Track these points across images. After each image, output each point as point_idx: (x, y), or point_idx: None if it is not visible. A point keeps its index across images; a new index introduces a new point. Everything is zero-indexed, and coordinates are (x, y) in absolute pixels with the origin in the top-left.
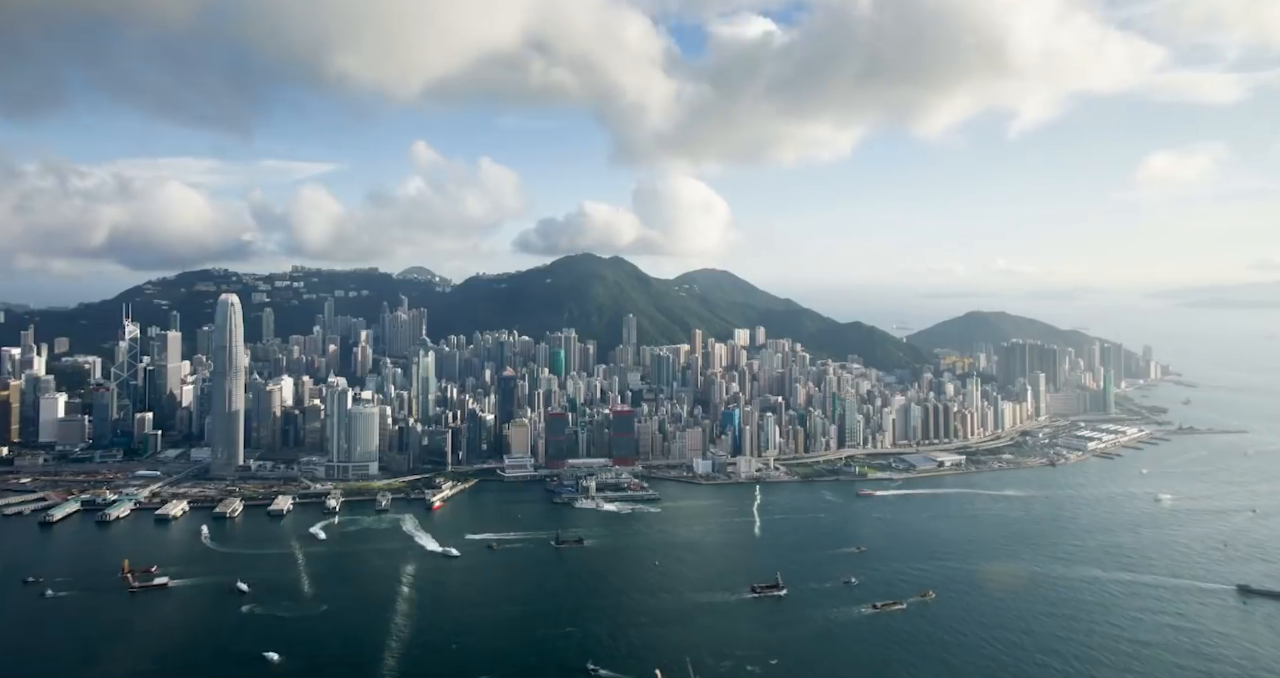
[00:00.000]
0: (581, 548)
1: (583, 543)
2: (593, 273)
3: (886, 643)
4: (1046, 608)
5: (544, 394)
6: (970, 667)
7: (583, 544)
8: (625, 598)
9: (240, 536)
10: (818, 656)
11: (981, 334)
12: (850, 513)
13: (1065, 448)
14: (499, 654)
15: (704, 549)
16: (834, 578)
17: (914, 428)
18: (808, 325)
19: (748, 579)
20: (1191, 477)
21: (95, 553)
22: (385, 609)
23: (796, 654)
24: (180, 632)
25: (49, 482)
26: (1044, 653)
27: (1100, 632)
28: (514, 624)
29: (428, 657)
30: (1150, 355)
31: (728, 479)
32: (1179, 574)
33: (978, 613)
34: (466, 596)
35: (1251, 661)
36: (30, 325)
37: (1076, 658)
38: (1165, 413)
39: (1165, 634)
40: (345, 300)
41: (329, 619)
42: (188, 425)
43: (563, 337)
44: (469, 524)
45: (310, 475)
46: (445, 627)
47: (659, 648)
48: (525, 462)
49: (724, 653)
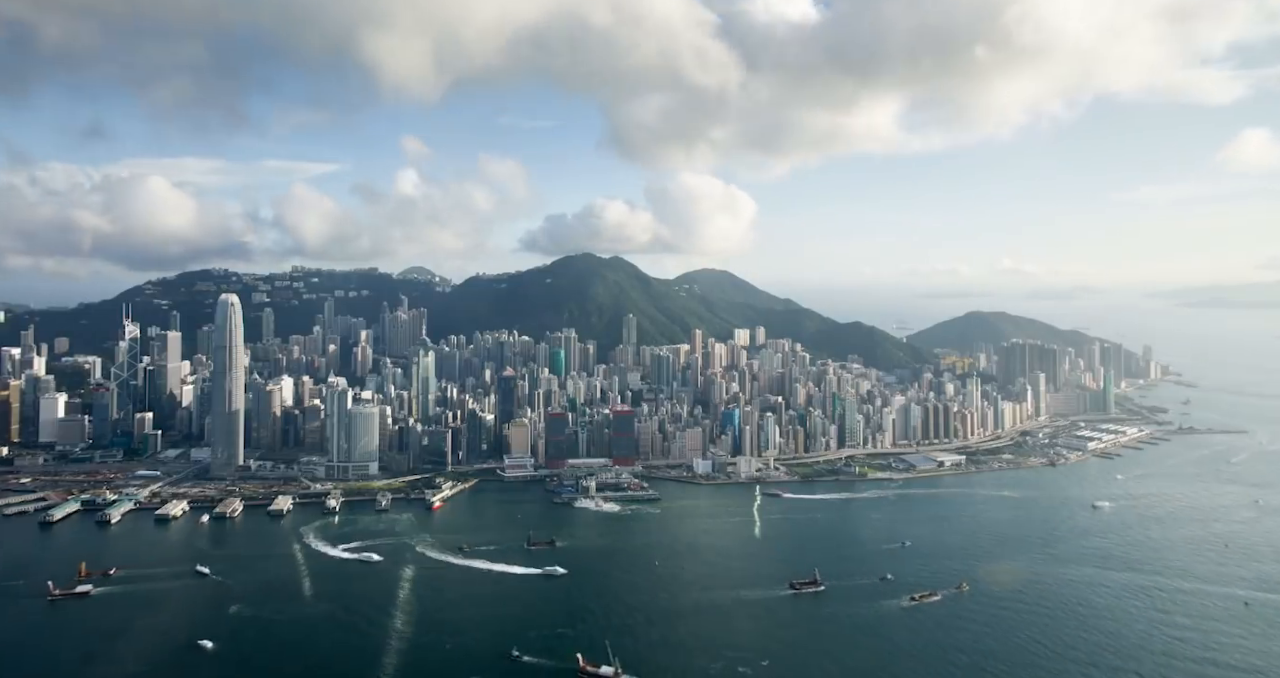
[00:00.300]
0: (553, 549)
1: (554, 545)
2: (593, 273)
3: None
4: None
5: (544, 394)
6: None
7: (554, 546)
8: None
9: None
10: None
11: (981, 334)
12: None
13: (1065, 448)
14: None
15: (702, 551)
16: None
17: (914, 428)
18: (808, 325)
19: (747, 581)
20: (1170, 479)
21: (40, 555)
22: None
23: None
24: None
25: (49, 482)
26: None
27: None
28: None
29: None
30: (1150, 355)
31: (728, 479)
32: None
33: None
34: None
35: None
36: (30, 325)
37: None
38: (1165, 413)
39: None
40: (345, 300)
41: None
42: (188, 425)
43: (563, 337)
44: (469, 527)
45: (310, 475)
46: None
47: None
48: (525, 462)
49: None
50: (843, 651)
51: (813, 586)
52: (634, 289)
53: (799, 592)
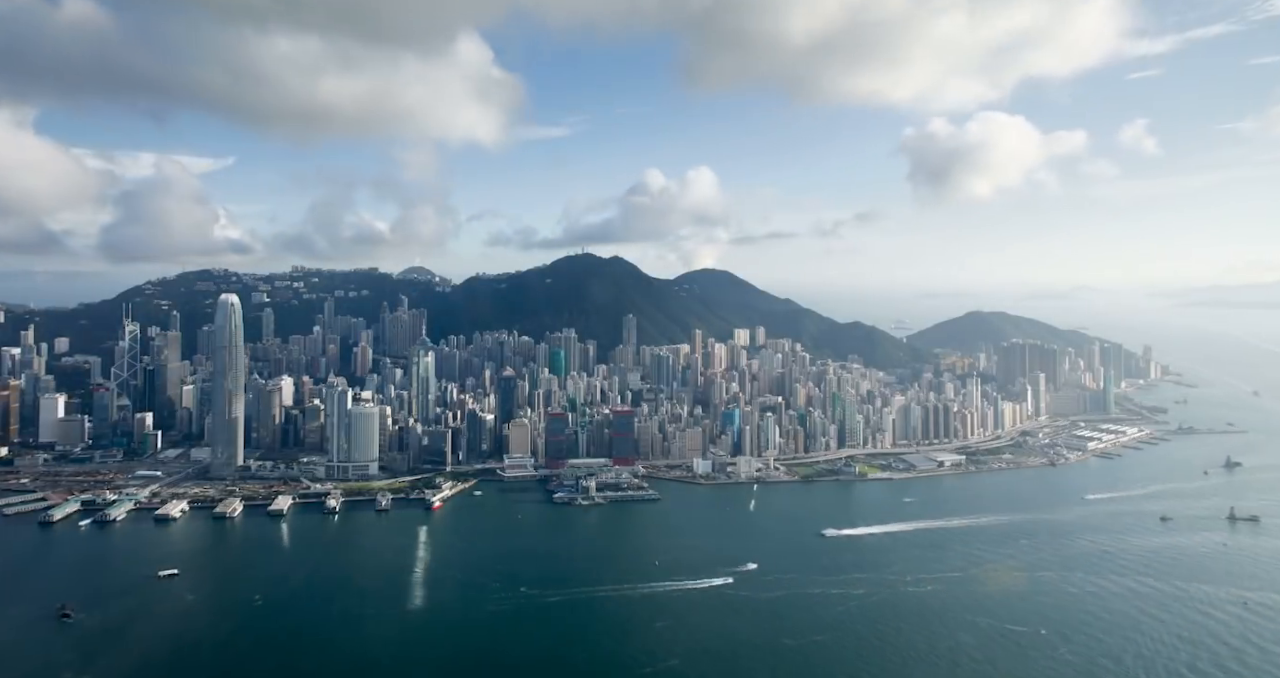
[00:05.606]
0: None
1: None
2: (592, 273)
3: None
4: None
5: (544, 394)
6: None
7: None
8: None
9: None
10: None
11: (981, 334)
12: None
13: (1065, 448)
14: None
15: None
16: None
17: (914, 428)
18: (808, 326)
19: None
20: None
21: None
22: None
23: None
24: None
25: (49, 482)
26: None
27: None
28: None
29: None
30: (1150, 355)
31: (728, 479)
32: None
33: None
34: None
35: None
36: (30, 325)
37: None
38: (1165, 413)
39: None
40: (345, 300)
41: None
42: (188, 425)
43: (563, 337)
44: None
45: (310, 475)
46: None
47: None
48: (525, 462)
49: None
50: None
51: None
52: (634, 289)
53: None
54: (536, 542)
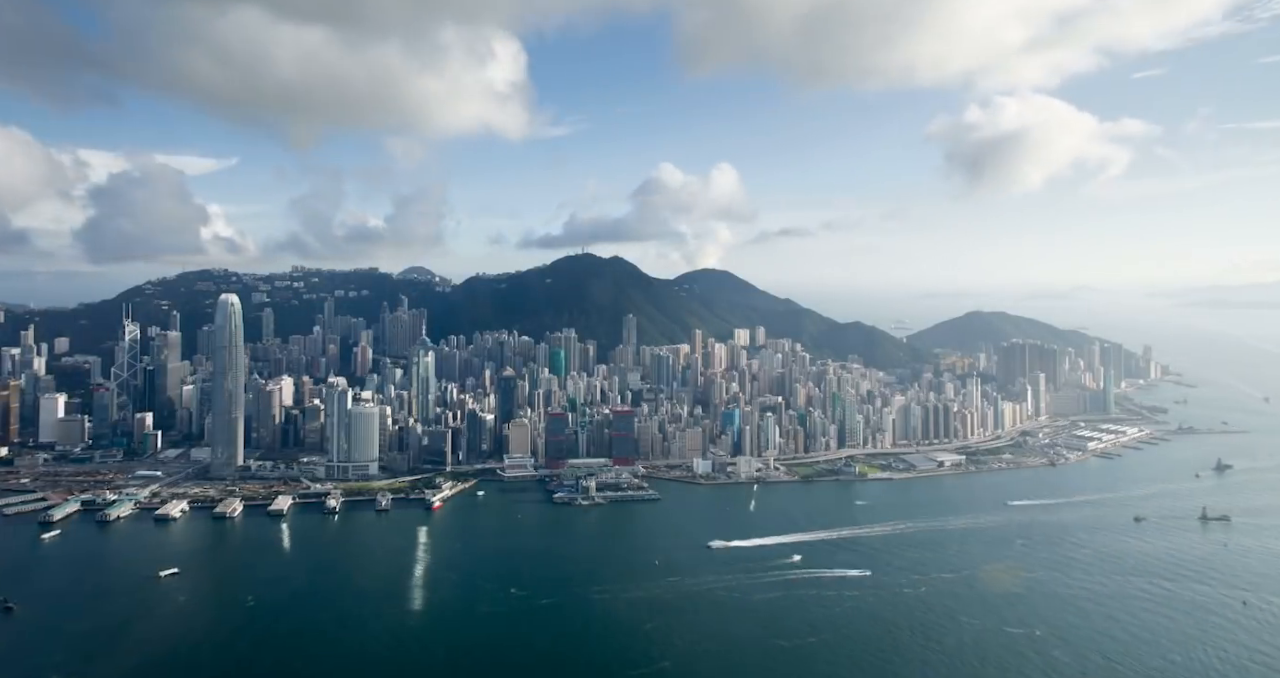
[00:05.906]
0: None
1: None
2: (593, 273)
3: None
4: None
5: (544, 394)
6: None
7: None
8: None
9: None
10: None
11: (981, 334)
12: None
13: (1065, 448)
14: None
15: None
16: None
17: (914, 428)
18: (808, 326)
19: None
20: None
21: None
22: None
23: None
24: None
25: (49, 482)
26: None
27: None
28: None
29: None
30: (1150, 355)
31: (728, 479)
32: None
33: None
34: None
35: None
36: (30, 325)
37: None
38: (1165, 413)
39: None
40: (345, 300)
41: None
42: (188, 425)
43: (563, 337)
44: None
45: (310, 475)
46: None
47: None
48: (525, 462)
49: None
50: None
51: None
52: (634, 289)
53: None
54: (536, 542)
